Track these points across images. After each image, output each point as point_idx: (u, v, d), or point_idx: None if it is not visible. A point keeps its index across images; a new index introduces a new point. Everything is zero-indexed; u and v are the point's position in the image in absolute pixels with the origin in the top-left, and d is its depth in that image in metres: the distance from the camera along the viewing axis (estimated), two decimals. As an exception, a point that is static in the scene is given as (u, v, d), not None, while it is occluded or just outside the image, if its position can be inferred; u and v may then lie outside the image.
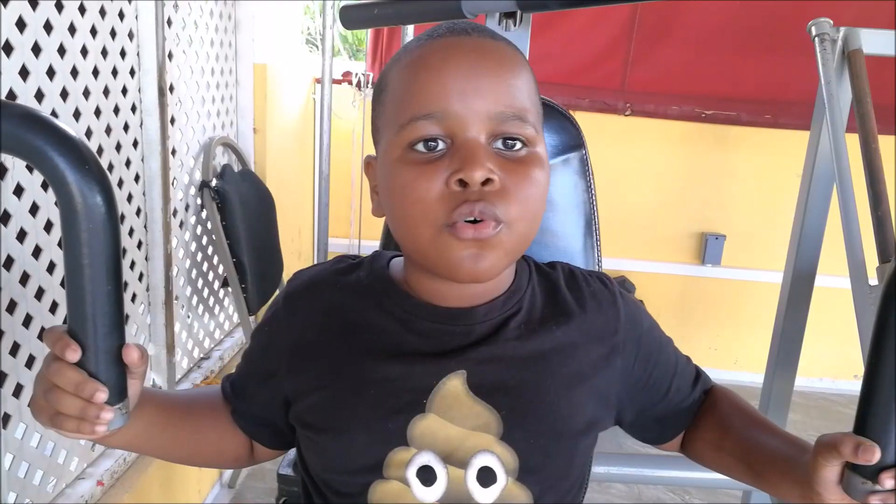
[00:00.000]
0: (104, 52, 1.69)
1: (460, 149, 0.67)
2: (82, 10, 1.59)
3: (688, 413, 0.89)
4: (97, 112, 1.67)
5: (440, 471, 0.72)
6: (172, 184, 2.03)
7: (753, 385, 3.29)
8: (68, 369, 0.64)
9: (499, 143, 0.69)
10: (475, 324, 0.76)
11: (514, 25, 1.12)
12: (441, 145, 0.68)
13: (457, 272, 0.69)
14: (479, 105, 0.68)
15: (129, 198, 1.84)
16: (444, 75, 0.68)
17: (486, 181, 0.67)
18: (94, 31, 1.64)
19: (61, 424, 0.66)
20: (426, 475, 0.72)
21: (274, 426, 0.84)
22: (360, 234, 3.58)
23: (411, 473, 0.72)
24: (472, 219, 0.67)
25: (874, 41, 1.52)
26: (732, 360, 3.68)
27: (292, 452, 0.88)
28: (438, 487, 0.72)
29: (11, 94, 1.35)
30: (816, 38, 1.55)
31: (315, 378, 0.76)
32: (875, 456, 0.62)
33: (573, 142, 1.06)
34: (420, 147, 0.69)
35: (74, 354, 0.64)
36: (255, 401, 0.84)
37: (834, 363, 3.52)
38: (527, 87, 0.72)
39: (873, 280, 1.32)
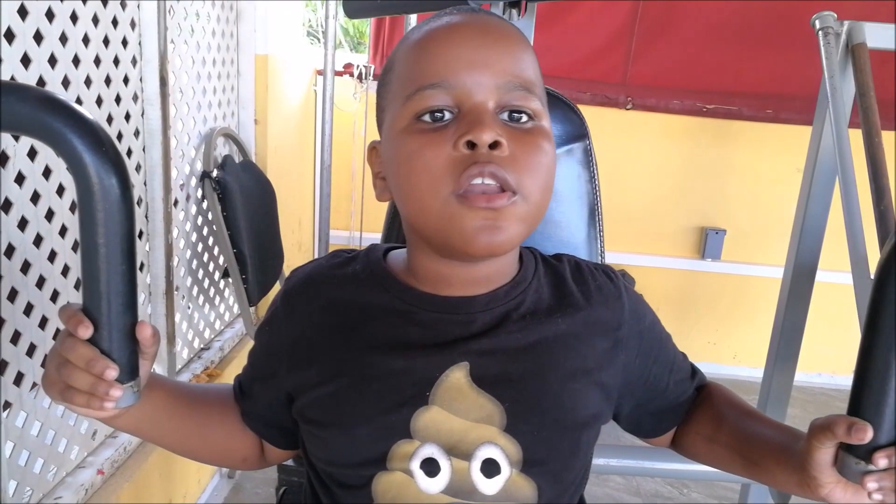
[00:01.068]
0: (106, 41, 1.68)
1: (468, 114, 0.68)
2: (84, -2, 1.59)
3: (682, 408, 0.89)
4: (98, 101, 1.66)
5: (444, 463, 0.72)
6: (173, 174, 2.03)
7: (752, 380, 3.30)
8: (81, 345, 0.65)
9: (504, 116, 0.69)
10: (476, 312, 0.76)
11: (519, 15, 1.12)
12: (448, 115, 0.69)
13: (471, 244, 0.68)
14: (487, 75, 0.68)
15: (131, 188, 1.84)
16: (452, 47, 0.69)
17: (495, 145, 0.67)
18: (95, 20, 1.63)
19: (71, 399, 0.67)
20: (430, 467, 0.72)
21: (282, 426, 0.85)
22: (361, 227, 3.58)
23: (415, 465, 0.72)
24: (480, 180, 0.67)
25: (878, 35, 1.51)
26: (731, 354, 3.69)
27: (293, 443, 0.88)
28: (442, 479, 0.72)
29: (13, 82, 1.34)
30: (820, 32, 1.55)
31: (316, 374, 0.76)
32: (868, 435, 0.63)
33: (577, 132, 1.06)
34: (426, 118, 0.69)
35: (86, 331, 0.65)
36: (261, 401, 0.84)
37: (833, 358, 3.53)
38: (532, 62, 0.73)
39: (875, 275, 1.31)
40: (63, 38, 1.51)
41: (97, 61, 1.65)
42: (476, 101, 0.68)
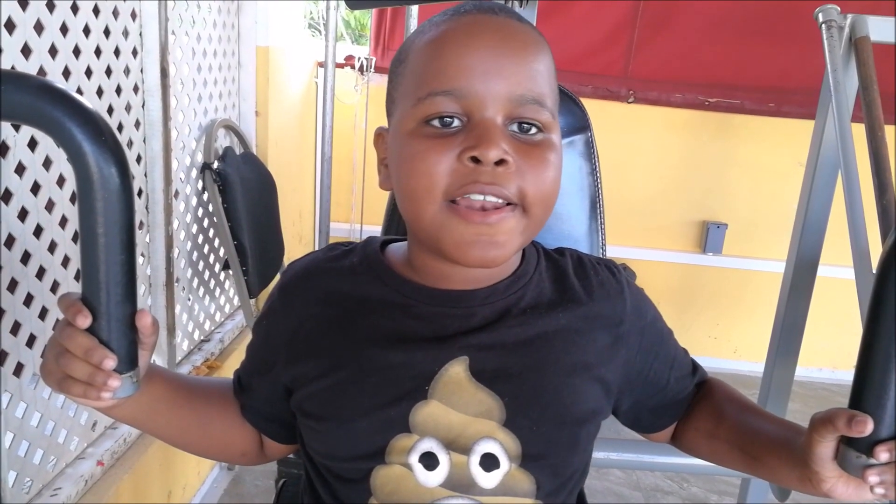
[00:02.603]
0: (107, 32, 1.68)
1: (476, 127, 0.67)
2: (85, -12, 1.58)
3: (682, 405, 0.89)
4: (99, 92, 1.66)
5: (443, 457, 0.72)
6: (174, 165, 2.03)
7: (753, 374, 3.30)
8: (79, 335, 0.65)
9: (514, 127, 0.69)
10: (476, 306, 0.75)
11: (521, 6, 1.11)
12: (456, 122, 0.68)
13: (464, 256, 0.68)
14: (500, 86, 0.67)
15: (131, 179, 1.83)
16: (468, 53, 0.68)
17: (500, 162, 0.66)
18: (96, 11, 1.63)
19: (69, 388, 0.66)
20: (429, 461, 0.72)
21: (281, 420, 0.84)
22: (361, 219, 3.57)
23: (414, 459, 0.72)
24: (480, 196, 0.66)
25: (881, 29, 1.50)
26: (732, 349, 3.69)
27: (292, 436, 0.88)
28: (441, 472, 0.72)
29: (13, 72, 1.34)
30: (823, 25, 1.54)
31: (314, 367, 0.75)
32: (868, 427, 0.62)
33: (578, 124, 1.06)
34: (435, 123, 0.68)
35: (85, 320, 0.64)
36: (259, 395, 0.84)
37: (834, 353, 3.53)
38: (547, 72, 0.72)
39: (877, 270, 1.31)
40: (64, 29, 1.50)
41: (98, 52, 1.64)
42: (485, 115, 0.67)
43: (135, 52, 1.83)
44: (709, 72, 3.40)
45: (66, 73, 1.52)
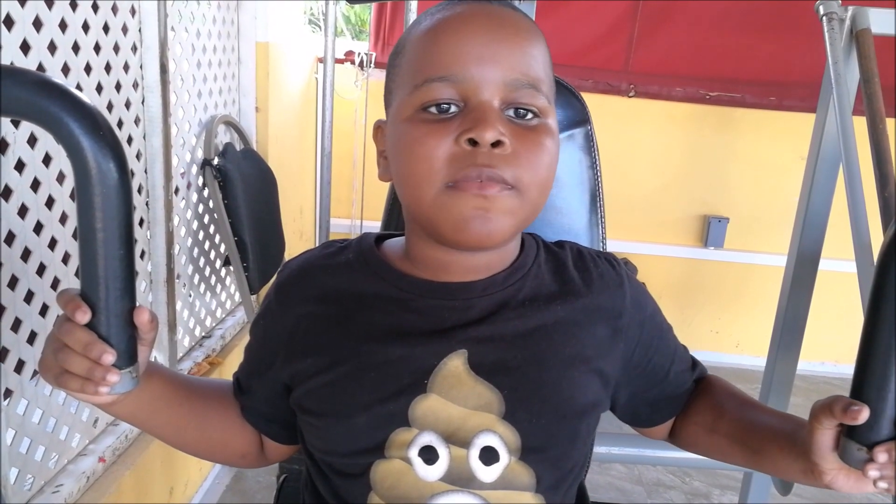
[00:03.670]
0: (106, 28, 1.68)
1: (473, 110, 0.68)
2: (83, -16, 1.58)
3: (680, 399, 0.89)
4: (99, 88, 1.66)
5: (442, 451, 0.72)
6: (174, 162, 2.02)
7: (755, 368, 3.30)
8: (78, 330, 0.65)
9: (510, 112, 0.69)
10: (473, 298, 0.75)
11: (519, 1, 1.11)
12: (453, 108, 0.69)
13: (462, 233, 0.68)
14: (495, 70, 0.68)
15: (131, 175, 1.83)
16: (463, 39, 0.69)
17: (497, 144, 0.67)
18: (95, 7, 1.63)
19: (66, 383, 0.66)
20: (428, 455, 0.72)
21: (282, 420, 0.84)
22: (361, 215, 3.57)
23: (413, 453, 0.72)
24: (478, 179, 0.67)
25: (883, 21, 1.50)
26: (734, 343, 3.68)
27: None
28: (441, 466, 0.72)
29: (12, 69, 1.33)
30: (824, 18, 1.53)
31: (313, 364, 0.75)
32: (864, 415, 0.62)
33: (578, 117, 1.05)
34: (432, 109, 0.69)
35: (84, 316, 0.64)
36: (259, 396, 0.84)
37: (836, 347, 3.52)
38: (542, 58, 0.72)
39: (879, 263, 1.30)
40: (63, 25, 1.50)
41: (97, 48, 1.64)
42: (482, 99, 0.68)
43: (134, 49, 1.82)
44: (710, 65, 3.39)
45: (66, 70, 1.51)
